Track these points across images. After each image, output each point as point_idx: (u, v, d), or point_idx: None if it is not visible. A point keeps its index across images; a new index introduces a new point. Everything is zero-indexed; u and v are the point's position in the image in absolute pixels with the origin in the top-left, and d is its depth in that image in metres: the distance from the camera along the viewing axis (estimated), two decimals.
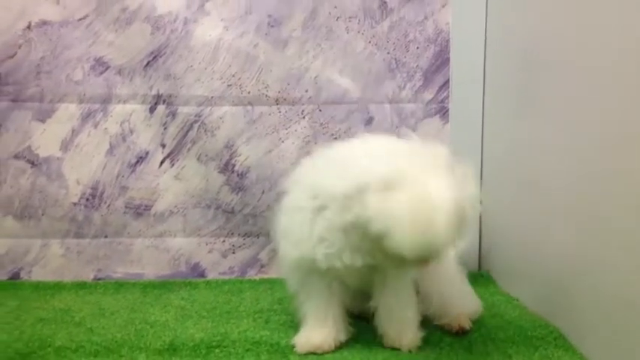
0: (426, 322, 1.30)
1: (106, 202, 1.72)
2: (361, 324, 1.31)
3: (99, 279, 1.73)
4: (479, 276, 1.73)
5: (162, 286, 1.68)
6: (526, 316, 1.42)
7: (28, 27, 1.65)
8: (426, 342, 1.27)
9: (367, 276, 1.24)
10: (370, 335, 1.29)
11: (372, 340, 1.27)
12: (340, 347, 1.25)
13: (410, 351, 1.24)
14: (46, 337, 1.30)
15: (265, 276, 1.76)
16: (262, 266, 1.77)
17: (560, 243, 1.36)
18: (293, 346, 1.25)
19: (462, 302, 1.37)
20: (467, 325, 1.33)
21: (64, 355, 1.22)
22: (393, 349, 1.25)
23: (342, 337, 1.26)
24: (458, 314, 1.33)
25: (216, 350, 1.25)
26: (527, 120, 1.52)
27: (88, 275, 1.73)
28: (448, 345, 1.27)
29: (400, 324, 1.25)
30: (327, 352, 1.23)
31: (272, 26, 1.69)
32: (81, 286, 1.67)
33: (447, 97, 1.75)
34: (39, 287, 1.65)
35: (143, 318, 1.42)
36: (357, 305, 1.32)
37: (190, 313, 1.46)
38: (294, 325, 1.33)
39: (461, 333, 1.31)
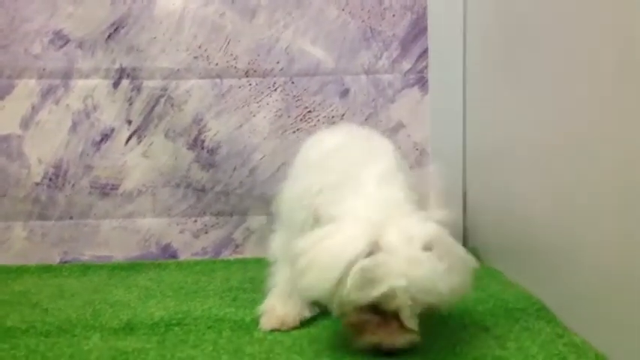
0: None
1: (70, 182, 1.65)
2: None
3: (65, 262, 1.66)
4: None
5: (131, 267, 1.61)
6: (509, 289, 1.35)
7: None
8: None
9: None
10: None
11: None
12: (306, 324, 1.18)
13: None
14: None
15: (240, 256, 1.69)
16: (237, 246, 1.70)
17: (544, 216, 1.30)
18: (258, 322, 1.18)
19: None
20: None
21: (13, 336, 1.14)
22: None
23: (307, 313, 1.19)
24: None
25: (176, 328, 1.17)
26: (511, 89, 1.44)
27: (54, 259, 1.66)
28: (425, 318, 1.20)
29: None
30: (292, 329, 1.16)
31: None
32: (46, 269, 1.60)
33: (426, 66, 1.67)
34: (1, 271, 1.58)
35: (104, 298, 1.35)
36: None
37: (155, 293, 1.39)
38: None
39: None
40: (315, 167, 1.19)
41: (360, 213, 1.02)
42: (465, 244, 1.73)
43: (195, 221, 1.69)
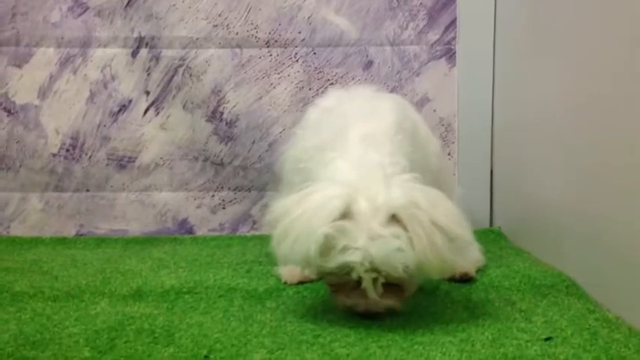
0: None
1: (87, 154, 1.62)
2: None
3: (81, 235, 1.63)
4: (489, 232, 1.59)
5: (147, 241, 1.57)
6: (536, 266, 1.28)
7: None
8: (418, 289, 1.13)
9: None
10: None
11: None
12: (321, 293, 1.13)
13: None
14: (5, 283, 1.20)
15: (258, 233, 1.64)
16: (255, 222, 1.65)
17: (573, 194, 1.24)
18: (271, 292, 1.14)
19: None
20: (472, 271, 1.19)
21: (20, 300, 1.12)
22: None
23: None
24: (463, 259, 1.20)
25: (186, 296, 1.13)
26: (544, 62, 1.37)
27: (70, 231, 1.63)
28: (445, 293, 1.14)
29: None
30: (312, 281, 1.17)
31: None
32: (60, 241, 1.58)
33: (454, 38, 1.61)
34: (15, 242, 1.56)
35: (116, 268, 1.31)
36: None
37: (168, 264, 1.35)
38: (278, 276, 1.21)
39: (464, 279, 1.18)
40: (312, 128, 1.16)
41: (338, 177, 1.00)
42: (490, 223, 1.66)
43: (213, 196, 1.64)
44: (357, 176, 0.98)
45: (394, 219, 0.93)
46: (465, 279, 1.19)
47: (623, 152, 1.04)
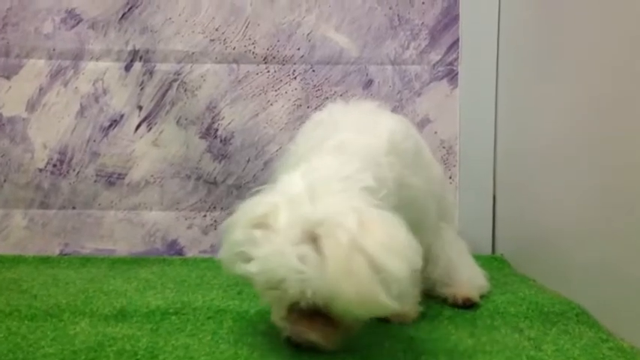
0: (423, 295, 1.11)
1: (74, 170, 1.56)
2: None
3: (65, 254, 1.56)
4: (492, 259, 1.53)
5: (134, 262, 1.50)
6: (543, 293, 1.22)
7: None
8: (421, 316, 1.07)
9: None
10: None
11: None
12: None
13: (400, 323, 1.03)
14: None
15: None
16: None
17: (579, 221, 1.20)
18: (263, 315, 1.06)
19: (470, 272, 1.19)
20: (474, 296, 1.13)
21: None
22: (381, 320, 1.04)
23: None
24: (465, 283, 1.14)
25: (173, 317, 1.06)
26: (548, 85, 1.33)
27: (54, 250, 1.56)
28: (448, 318, 1.07)
29: None
30: None
31: None
32: (43, 260, 1.50)
33: (457, 58, 1.57)
34: None
35: (99, 288, 1.24)
36: None
37: (155, 285, 1.28)
38: None
39: (467, 305, 1.12)
40: (301, 139, 1.08)
41: (283, 185, 0.90)
42: (493, 249, 1.60)
43: (205, 216, 1.58)
44: (301, 187, 0.88)
45: (313, 237, 0.82)
46: (468, 304, 1.13)
47: (629, 176, 1.01)
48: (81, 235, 1.57)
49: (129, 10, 1.52)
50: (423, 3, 1.55)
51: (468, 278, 1.16)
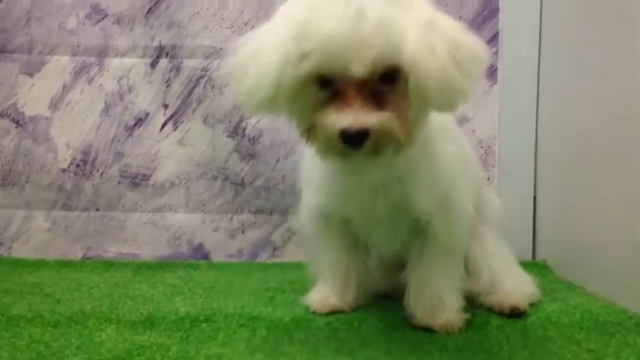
0: (468, 302, 1.03)
1: (98, 170, 1.51)
2: (389, 303, 1.08)
3: (88, 258, 1.50)
4: (534, 265, 1.45)
5: (159, 266, 1.44)
6: (595, 302, 1.13)
7: None
8: (467, 324, 0.99)
9: (399, 236, 1.01)
10: (398, 315, 1.02)
11: (400, 320, 1.01)
12: (357, 322, 1.01)
13: (447, 333, 0.96)
14: (1, 305, 1.08)
15: (278, 260, 1.51)
16: (275, 249, 1.52)
17: (627, 225, 1.12)
18: (298, 322, 1.00)
19: (517, 280, 1.11)
20: (522, 304, 1.05)
21: (16, 324, 0.99)
22: (426, 329, 0.97)
23: (362, 301, 1.07)
24: (511, 291, 1.06)
25: (203, 325, 1.00)
26: (592, 81, 1.25)
27: (76, 254, 1.51)
28: (496, 328, 1.00)
29: (434, 299, 0.98)
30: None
31: None
32: (65, 264, 1.45)
33: (496, 53, 1.50)
34: (17, 264, 1.43)
35: (125, 292, 1.19)
36: (388, 280, 1.11)
37: (182, 290, 1.22)
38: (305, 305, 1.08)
39: (514, 314, 1.03)
40: None
41: None
42: (533, 255, 1.52)
43: (232, 219, 1.52)
44: None
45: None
46: (517, 313, 1.05)
47: None
48: (104, 239, 1.51)
49: (155, 4, 1.47)
50: None
51: (515, 286, 1.08)
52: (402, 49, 0.77)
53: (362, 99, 0.78)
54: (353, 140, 0.78)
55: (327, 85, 0.81)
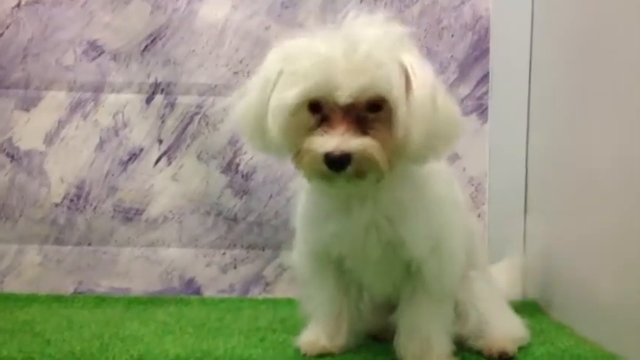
0: (458, 345, 1.04)
1: (92, 204, 1.51)
2: (379, 346, 1.09)
3: (79, 292, 1.50)
4: (523, 305, 1.44)
5: (150, 302, 1.44)
6: (584, 345, 1.14)
7: (18, 5, 1.49)
8: None
9: (390, 278, 1.02)
10: (387, 358, 1.03)
11: None
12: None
13: None
14: None
15: (270, 296, 1.51)
16: (267, 284, 1.52)
17: (617, 266, 1.12)
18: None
19: (506, 323, 1.11)
20: (511, 348, 1.05)
21: None
22: None
23: (352, 344, 1.07)
24: (500, 336, 1.06)
25: None
26: (581, 121, 1.27)
27: (67, 288, 1.51)
28: None
29: (424, 342, 0.99)
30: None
31: (286, 7, 1.50)
32: (57, 299, 1.45)
33: (486, 92, 1.52)
34: (8, 299, 1.43)
35: (115, 332, 1.18)
36: (379, 322, 1.11)
37: (173, 329, 1.22)
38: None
39: (503, 358, 1.04)
40: None
41: None
42: (524, 295, 1.52)
43: (224, 254, 1.52)
44: None
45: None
46: (505, 358, 1.05)
47: None
48: (96, 273, 1.51)
49: (152, 41, 1.49)
50: (453, 36, 1.51)
51: (504, 330, 1.08)
52: (392, 83, 0.81)
53: (347, 124, 0.82)
54: (336, 163, 0.82)
55: (317, 111, 0.85)
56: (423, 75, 0.84)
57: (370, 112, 0.84)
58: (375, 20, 0.86)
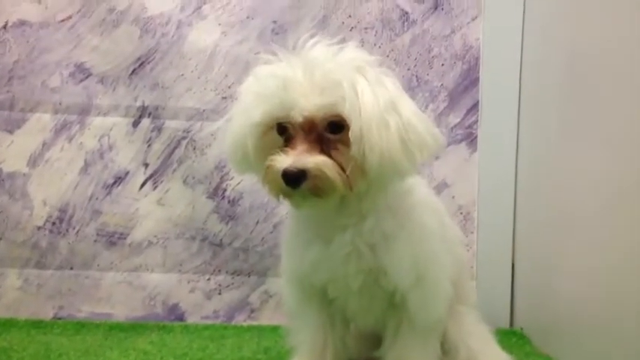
0: None
1: (74, 228, 1.49)
2: None
3: (59, 318, 1.47)
4: (511, 334, 1.44)
5: (132, 328, 1.42)
6: None
7: (4, 27, 1.48)
8: None
9: (375, 309, 1.00)
10: None
11: None
12: None
13: None
14: None
15: (255, 322, 1.49)
16: (252, 311, 1.50)
17: (607, 294, 1.11)
18: None
19: (493, 359, 1.08)
20: None
21: None
22: None
23: None
24: None
25: None
26: (570, 151, 1.27)
27: (47, 313, 1.47)
28: None
29: None
30: None
31: (277, 33, 1.49)
32: (36, 324, 1.42)
33: (476, 121, 1.52)
34: None
35: None
36: (365, 353, 1.09)
37: (154, 359, 1.19)
38: None
39: None
40: None
41: None
42: (511, 323, 1.51)
43: (209, 280, 1.50)
44: None
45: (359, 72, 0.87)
46: None
47: None
48: (77, 298, 1.48)
49: (140, 65, 1.48)
50: (443, 64, 1.51)
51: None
52: (346, 103, 0.83)
53: (308, 144, 0.86)
54: (292, 180, 0.84)
55: (283, 132, 0.89)
56: (372, 96, 0.85)
57: (331, 132, 0.87)
58: (333, 46, 0.89)
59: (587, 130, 1.20)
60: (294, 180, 0.84)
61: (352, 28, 1.51)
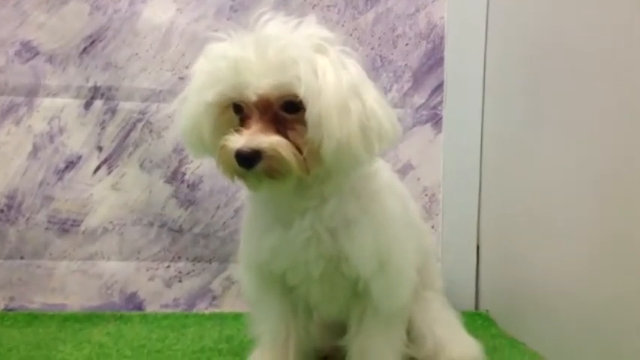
0: None
1: (24, 215, 1.42)
2: None
3: (10, 309, 1.40)
4: (476, 316, 1.43)
5: (87, 319, 1.36)
6: None
7: None
8: None
9: (338, 297, 0.96)
10: None
11: None
12: None
13: None
14: None
15: (217, 310, 1.45)
16: (214, 298, 1.46)
17: (573, 278, 1.11)
18: None
19: (460, 346, 1.07)
20: None
21: None
22: None
23: None
24: (455, 358, 1.03)
25: None
26: (535, 131, 1.26)
27: None
28: None
29: None
30: None
31: (235, 10, 1.43)
32: None
33: (441, 102, 1.49)
34: None
35: (46, 356, 1.10)
36: (330, 343, 1.05)
37: (110, 352, 1.14)
38: None
39: None
40: None
41: None
42: (476, 305, 1.51)
43: (168, 267, 1.45)
44: None
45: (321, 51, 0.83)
46: None
47: (622, 227, 0.95)
48: (28, 288, 1.42)
49: (91, 43, 1.40)
50: (407, 44, 1.48)
51: (459, 353, 1.05)
52: (302, 82, 0.79)
53: (263, 123, 0.82)
54: (245, 160, 0.81)
55: (239, 112, 0.85)
56: (334, 78, 0.81)
57: (288, 112, 0.83)
58: (290, 22, 0.85)
59: (553, 112, 1.19)
60: (247, 160, 0.80)
61: (314, 5, 1.46)
